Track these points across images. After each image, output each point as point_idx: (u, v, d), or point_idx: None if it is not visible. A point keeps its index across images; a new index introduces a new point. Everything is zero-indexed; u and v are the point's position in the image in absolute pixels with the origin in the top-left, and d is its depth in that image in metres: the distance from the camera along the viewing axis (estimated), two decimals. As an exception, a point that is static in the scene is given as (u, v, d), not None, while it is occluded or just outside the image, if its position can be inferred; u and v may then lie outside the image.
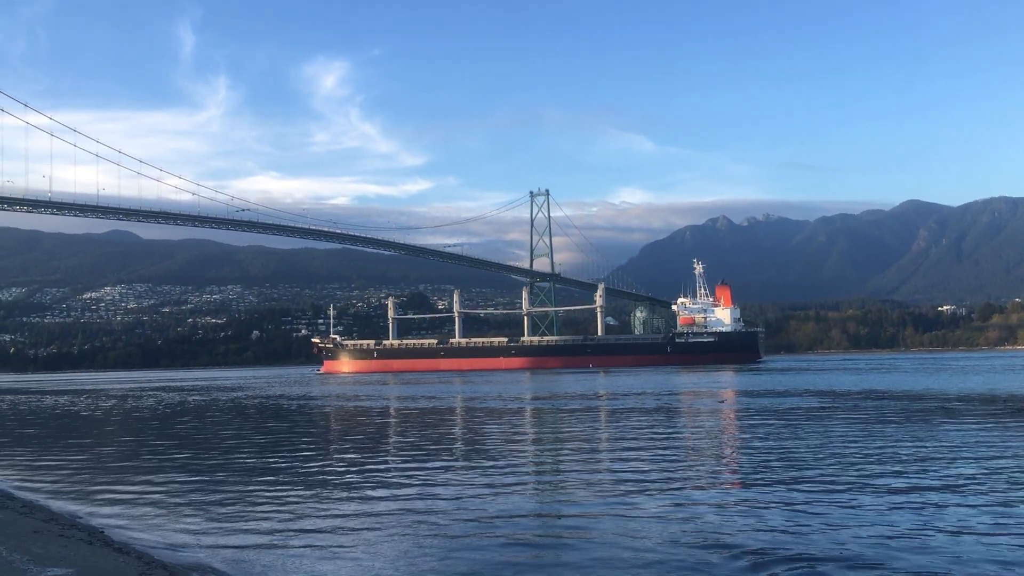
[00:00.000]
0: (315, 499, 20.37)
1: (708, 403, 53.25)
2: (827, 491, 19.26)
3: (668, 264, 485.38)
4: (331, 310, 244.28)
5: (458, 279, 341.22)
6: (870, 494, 18.78)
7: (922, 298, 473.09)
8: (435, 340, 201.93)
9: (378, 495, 20.67)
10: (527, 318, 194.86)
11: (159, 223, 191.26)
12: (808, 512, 17.04)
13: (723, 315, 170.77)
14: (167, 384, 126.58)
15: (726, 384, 77.74)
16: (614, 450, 28.26)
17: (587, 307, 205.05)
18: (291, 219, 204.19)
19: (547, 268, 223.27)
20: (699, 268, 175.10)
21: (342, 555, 14.81)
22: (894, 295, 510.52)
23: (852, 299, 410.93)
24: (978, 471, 21.62)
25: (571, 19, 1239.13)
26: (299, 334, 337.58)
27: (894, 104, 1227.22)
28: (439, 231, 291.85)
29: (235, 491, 21.84)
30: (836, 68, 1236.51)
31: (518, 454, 28.38)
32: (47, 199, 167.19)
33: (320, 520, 17.77)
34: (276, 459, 28.53)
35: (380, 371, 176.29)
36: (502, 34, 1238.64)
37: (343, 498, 20.39)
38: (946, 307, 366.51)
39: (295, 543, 15.75)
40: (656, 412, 44.86)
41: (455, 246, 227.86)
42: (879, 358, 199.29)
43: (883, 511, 17.01)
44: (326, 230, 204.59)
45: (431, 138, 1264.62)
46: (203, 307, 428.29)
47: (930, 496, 18.41)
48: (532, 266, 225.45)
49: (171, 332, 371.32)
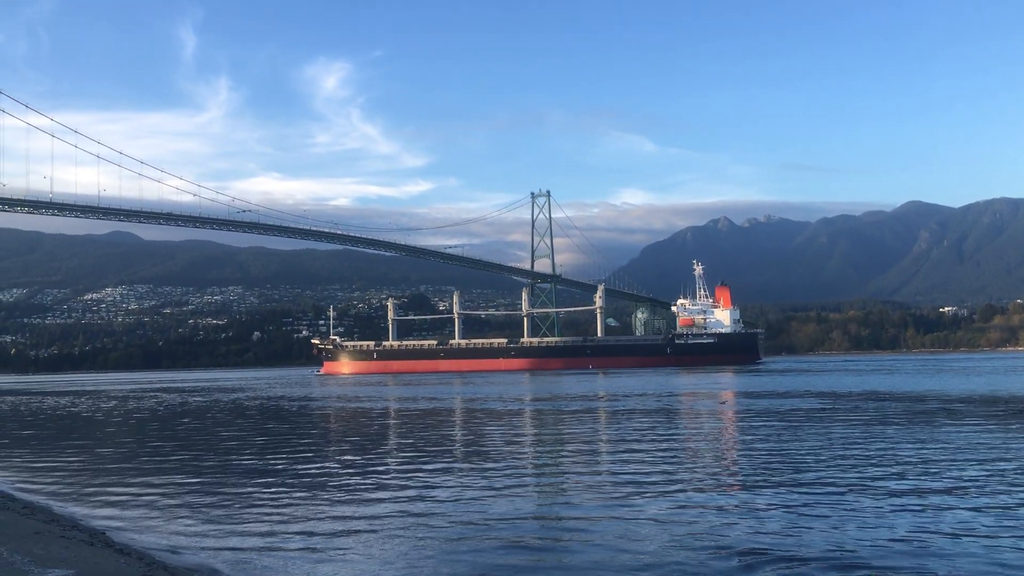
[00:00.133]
0: (316, 501, 20.39)
1: (708, 404, 53.26)
2: (828, 493, 19.24)
3: (669, 265, 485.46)
4: (331, 311, 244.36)
5: (459, 280, 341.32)
6: (871, 496, 18.77)
7: (923, 299, 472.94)
8: (435, 341, 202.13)
9: (378, 497, 20.69)
10: (527, 319, 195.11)
11: (160, 224, 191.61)
12: (809, 514, 17.03)
13: (723, 316, 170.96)
14: (168, 385, 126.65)
15: (726, 385, 77.72)
16: (614, 452, 28.25)
17: (588, 308, 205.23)
18: (292, 220, 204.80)
19: (548, 269, 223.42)
20: (699, 269, 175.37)
21: (342, 557, 14.82)
22: (895, 296, 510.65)
23: (853, 300, 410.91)
24: (980, 473, 21.61)
25: (572, 20, 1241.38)
26: (300, 335, 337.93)
27: (895, 105, 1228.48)
28: (440, 232, 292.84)
29: (236, 492, 21.86)
30: (837, 69, 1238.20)
31: (518, 456, 28.38)
32: (48, 200, 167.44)
33: (321, 522, 17.79)
34: (277, 460, 28.54)
35: (380, 372, 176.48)
36: (503, 35, 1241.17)
37: (343, 500, 20.41)
38: (947, 308, 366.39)
39: (296, 545, 15.77)
40: (656, 413, 44.86)
41: (456, 247, 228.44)
42: (880, 359, 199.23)
43: (884, 513, 17.00)
44: (327, 231, 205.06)
45: (432, 139, 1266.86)
46: (204, 308, 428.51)
47: (931, 498, 18.40)
48: (533, 267, 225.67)
49: (172, 333, 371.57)
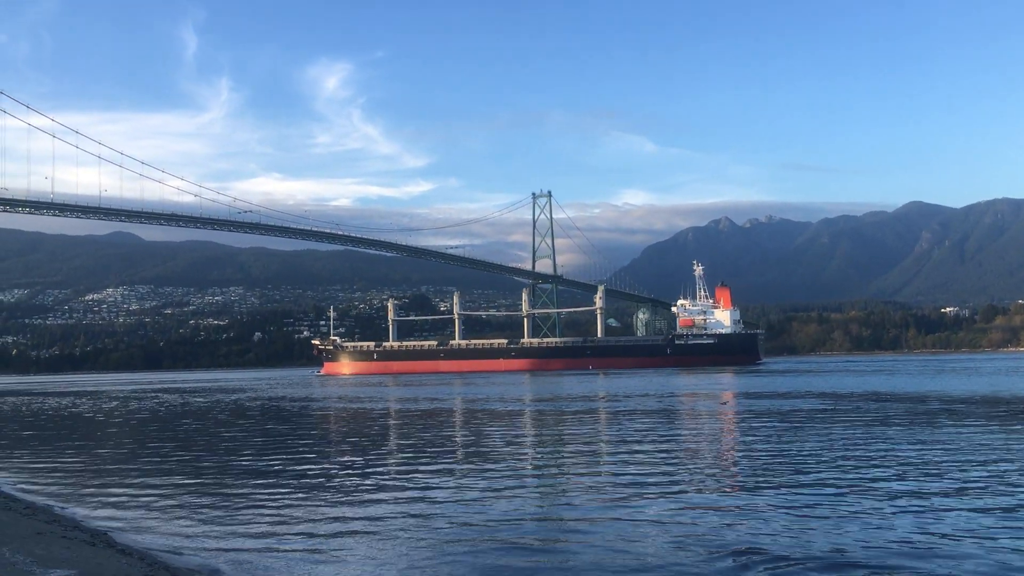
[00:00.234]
0: (317, 501, 20.41)
1: (709, 405, 53.24)
2: (828, 494, 19.23)
3: (670, 265, 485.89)
4: (331, 311, 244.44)
5: (460, 281, 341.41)
6: (872, 497, 18.75)
7: (925, 300, 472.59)
8: (435, 342, 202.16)
9: (379, 498, 20.70)
10: (527, 320, 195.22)
11: (161, 225, 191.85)
12: (810, 515, 17.02)
13: (723, 317, 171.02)
14: (169, 386, 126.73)
15: (726, 386, 77.67)
16: (615, 452, 28.24)
17: (589, 309, 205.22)
18: (293, 221, 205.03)
19: (549, 270, 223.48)
20: (699, 270, 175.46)
21: (344, 558, 14.83)
22: (897, 297, 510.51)
23: (855, 300, 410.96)
24: (981, 474, 21.58)
25: (572, 20, 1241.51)
26: (301, 336, 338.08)
27: (896, 105, 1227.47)
28: (441, 233, 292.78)
29: (237, 493, 21.87)
30: (838, 69, 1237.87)
31: (519, 456, 28.39)
32: (49, 201, 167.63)
33: (322, 523, 17.80)
34: (278, 461, 28.55)
35: (380, 373, 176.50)
36: (504, 36, 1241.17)
37: (344, 501, 20.41)
38: (949, 309, 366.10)
39: (297, 546, 15.78)
40: (657, 414, 44.84)
41: (457, 248, 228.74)
42: (882, 360, 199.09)
43: (885, 514, 16.98)
44: (328, 231, 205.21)
45: (433, 139, 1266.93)
46: (205, 309, 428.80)
47: (932, 499, 18.38)
48: (534, 268, 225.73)
49: (173, 334, 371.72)
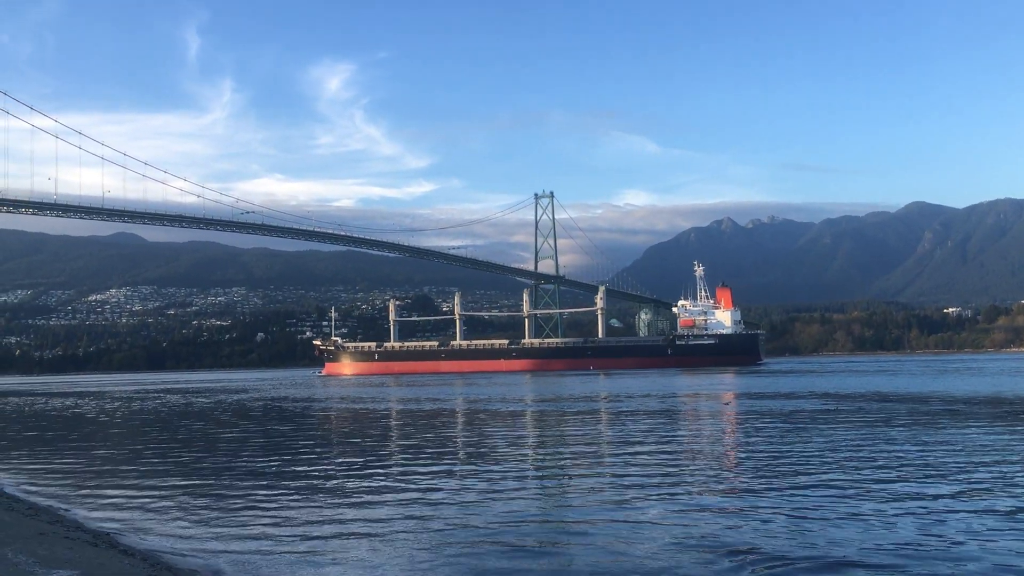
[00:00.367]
0: (319, 502, 20.43)
1: (710, 406, 53.23)
2: (830, 495, 19.21)
3: (672, 266, 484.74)
4: (333, 312, 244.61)
5: (462, 281, 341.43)
6: (874, 498, 18.74)
7: (927, 300, 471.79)
8: (436, 342, 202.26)
9: (381, 499, 20.70)
10: (528, 320, 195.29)
11: (164, 225, 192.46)
12: (811, 517, 17.01)
13: (723, 317, 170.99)
14: (172, 386, 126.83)
15: (727, 386, 77.62)
16: (617, 454, 28.23)
17: (590, 309, 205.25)
18: (296, 221, 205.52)
19: (552, 270, 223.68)
20: (699, 270, 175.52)
21: (346, 559, 14.84)
22: (899, 297, 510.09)
23: (857, 301, 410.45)
24: (984, 475, 21.55)
25: (574, 21, 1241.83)
26: (303, 336, 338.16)
27: (898, 105, 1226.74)
28: (443, 233, 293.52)
29: (240, 494, 21.89)
30: (840, 69, 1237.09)
31: (520, 458, 28.40)
32: (52, 201, 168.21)
33: (324, 524, 17.82)
34: (280, 462, 28.59)
35: (381, 373, 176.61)
36: (504, 36, 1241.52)
37: (346, 502, 20.42)
38: (951, 309, 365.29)
39: (300, 546, 15.79)
40: (658, 415, 44.82)
41: (459, 248, 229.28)
42: (884, 360, 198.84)
43: (887, 515, 16.96)
44: (330, 232, 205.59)
45: (434, 140, 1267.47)
46: (208, 309, 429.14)
47: (935, 501, 18.36)
48: (537, 268, 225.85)
49: (176, 334, 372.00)
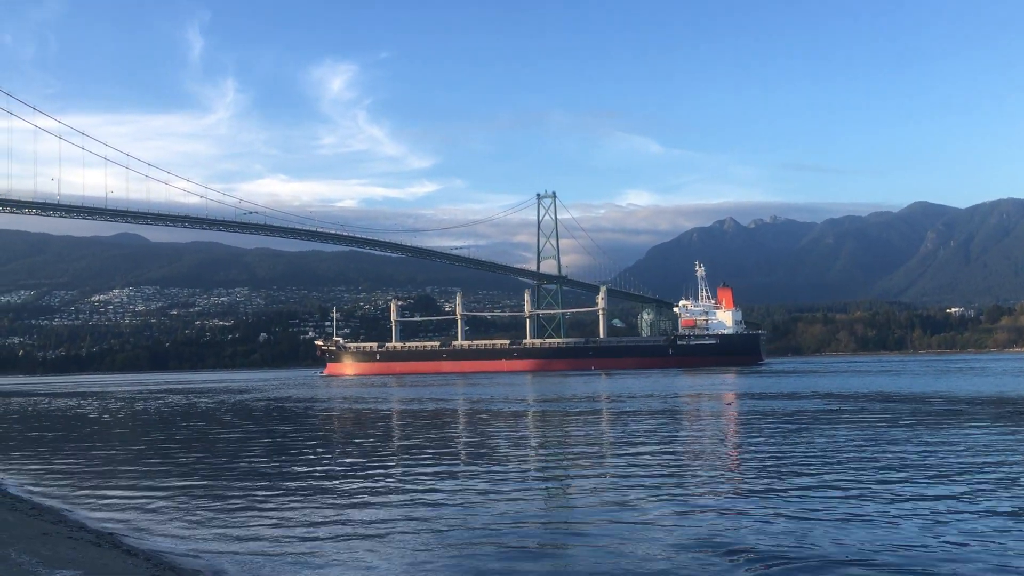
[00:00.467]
0: (322, 503, 20.44)
1: (712, 406, 53.19)
2: (833, 496, 19.21)
3: (675, 266, 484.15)
4: (335, 312, 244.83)
5: (465, 281, 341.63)
6: (876, 500, 18.72)
7: (930, 300, 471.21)
8: (437, 343, 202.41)
9: (384, 500, 20.72)
10: (529, 320, 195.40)
11: (167, 226, 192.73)
12: (814, 518, 16.99)
13: (725, 317, 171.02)
14: (175, 386, 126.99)
15: (729, 386, 77.59)
16: (619, 454, 28.24)
17: (593, 309, 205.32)
18: (298, 222, 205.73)
19: (554, 270, 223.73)
20: (701, 270, 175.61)
21: (349, 559, 14.86)
22: (902, 297, 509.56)
23: (860, 301, 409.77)
24: (987, 475, 21.51)
25: (575, 21, 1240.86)
26: (306, 336, 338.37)
27: (899, 105, 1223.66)
28: (446, 233, 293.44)
29: (243, 494, 21.92)
30: (842, 69, 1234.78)
31: (522, 458, 28.42)
32: (56, 202, 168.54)
33: (327, 524, 17.83)
34: (283, 462, 28.63)
35: (383, 373, 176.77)
36: (505, 36, 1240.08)
37: (350, 502, 20.45)
38: (954, 309, 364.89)
39: (302, 547, 15.81)
40: (660, 415, 44.81)
41: (462, 248, 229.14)
42: (887, 360, 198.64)
43: (889, 516, 16.94)
44: (333, 232, 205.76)
45: (437, 140, 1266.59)
46: (211, 310, 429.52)
47: (938, 501, 18.34)
48: (539, 268, 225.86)
49: (179, 334, 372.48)
